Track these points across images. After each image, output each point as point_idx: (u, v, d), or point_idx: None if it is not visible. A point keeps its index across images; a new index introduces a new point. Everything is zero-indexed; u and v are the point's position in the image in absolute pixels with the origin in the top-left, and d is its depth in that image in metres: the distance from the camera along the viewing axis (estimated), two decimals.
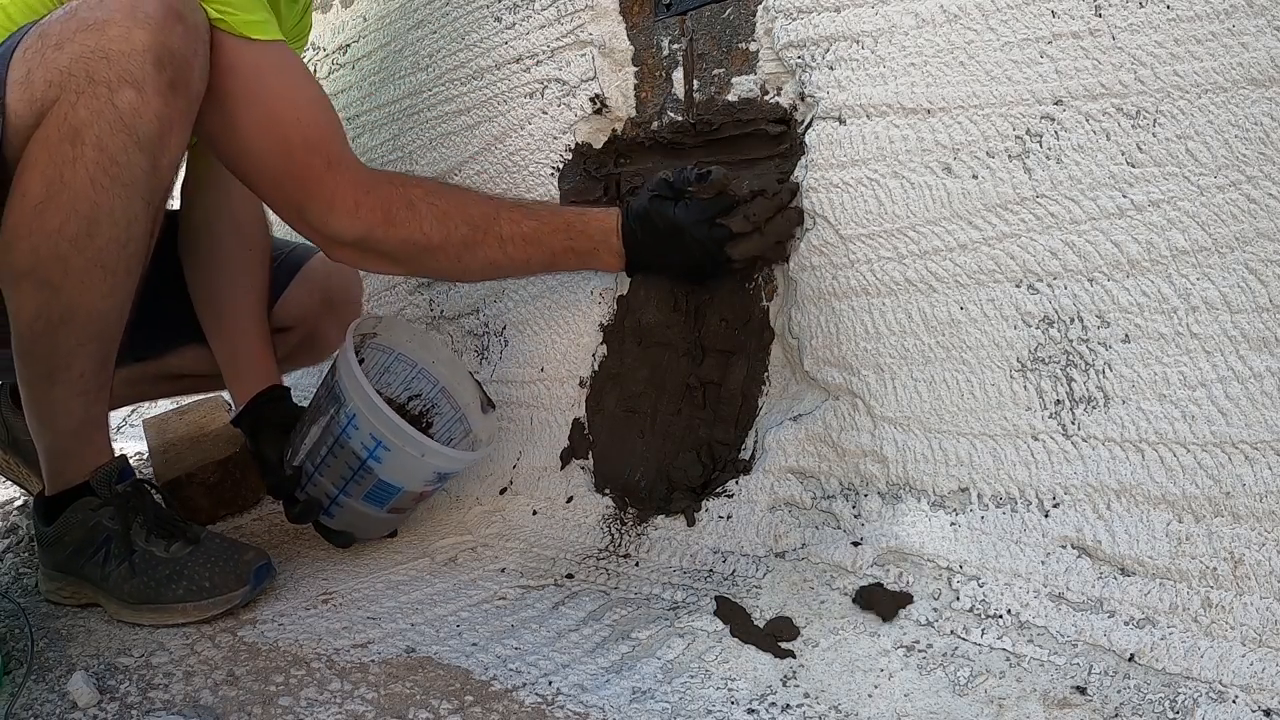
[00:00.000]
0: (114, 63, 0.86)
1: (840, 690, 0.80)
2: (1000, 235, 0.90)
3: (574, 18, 1.26)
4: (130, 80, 0.86)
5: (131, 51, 0.86)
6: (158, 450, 1.56)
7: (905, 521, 0.94)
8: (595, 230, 1.12)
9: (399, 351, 1.26)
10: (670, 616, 0.95)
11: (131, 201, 0.90)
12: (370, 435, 1.08)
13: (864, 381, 1.00)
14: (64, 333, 0.93)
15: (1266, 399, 0.76)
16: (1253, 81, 0.75)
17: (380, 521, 1.20)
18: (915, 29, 0.94)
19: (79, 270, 0.90)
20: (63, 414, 0.99)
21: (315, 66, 1.84)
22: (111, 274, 0.92)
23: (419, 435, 1.08)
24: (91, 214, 0.88)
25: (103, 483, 1.01)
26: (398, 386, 1.27)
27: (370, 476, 1.11)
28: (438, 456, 1.11)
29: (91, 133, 0.86)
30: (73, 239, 0.89)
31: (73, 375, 0.96)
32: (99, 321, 0.95)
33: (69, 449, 1.02)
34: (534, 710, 0.78)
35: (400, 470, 1.11)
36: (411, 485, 1.14)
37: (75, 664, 0.89)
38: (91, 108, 0.86)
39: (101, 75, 0.85)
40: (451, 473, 1.21)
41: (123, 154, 0.87)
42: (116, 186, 0.88)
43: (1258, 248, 0.76)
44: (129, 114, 0.87)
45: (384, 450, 1.09)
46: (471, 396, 1.26)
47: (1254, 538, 0.75)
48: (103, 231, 0.89)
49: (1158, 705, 0.71)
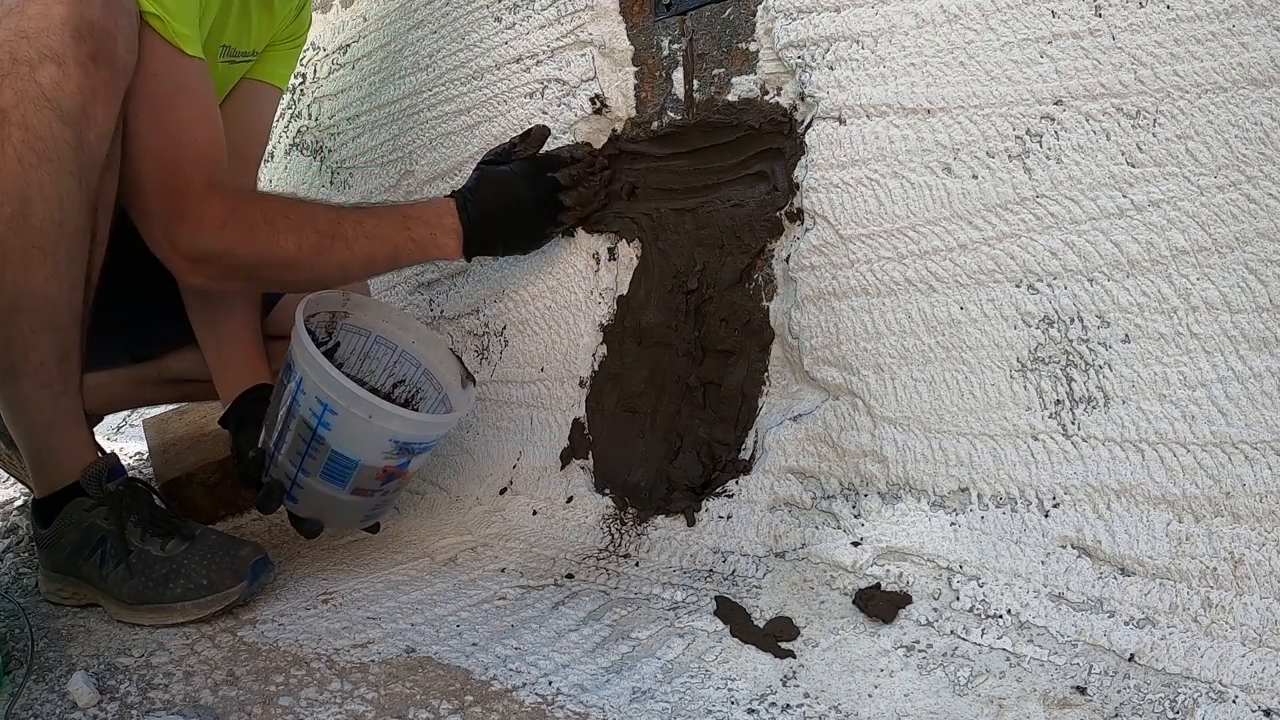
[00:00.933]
0: (34, 40, 0.86)
1: (840, 690, 0.80)
2: (1000, 235, 0.90)
3: (574, 18, 1.26)
4: (50, 55, 0.86)
5: (50, 27, 0.86)
6: (158, 450, 1.56)
7: (905, 521, 0.94)
8: (430, 215, 1.16)
9: (376, 334, 1.22)
10: (670, 616, 0.95)
11: (60, 177, 0.89)
12: (316, 399, 1.02)
13: (864, 381, 1.00)
14: (15, 322, 0.93)
15: (1266, 399, 0.76)
16: (1253, 81, 0.75)
17: (346, 506, 1.11)
18: (915, 29, 0.94)
19: (18, 253, 0.90)
20: (32, 409, 0.99)
21: (315, 66, 1.84)
22: (51, 255, 0.92)
23: (362, 392, 1.01)
24: (22, 193, 0.88)
25: (93, 482, 1.01)
26: (381, 374, 1.23)
27: (323, 448, 1.04)
28: (388, 419, 1.03)
29: (17, 113, 0.86)
30: (8, 221, 0.88)
31: (32, 366, 0.96)
32: (48, 308, 0.94)
33: (47, 446, 1.02)
34: (534, 710, 0.78)
35: (351, 438, 1.04)
36: (368, 458, 1.05)
37: (75, 664, 0.89)
38: (16, 88, 0.85)
39: (24, 54, 0.85)
40: (416, 444, 1.10)
41: (47, 130, 0.87)
42: (43, 163, 0.88)
43: (1258, 248, 0.76)
44: (51, 89, 0.86)
45: (331, 414, 1.02)
46: (453, 374, 1.22)
47: (1254, 538, 0.75)
48: (35, 211, 0.89)
49: (1158, 705, 0.71)
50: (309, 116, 1.85)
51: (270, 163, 1.95)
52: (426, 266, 1.53)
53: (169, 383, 1.45)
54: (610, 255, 1.27)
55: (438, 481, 1.45)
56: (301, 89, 1.88)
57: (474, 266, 1.45)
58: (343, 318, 1.20)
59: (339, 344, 1.20)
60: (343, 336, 1.20)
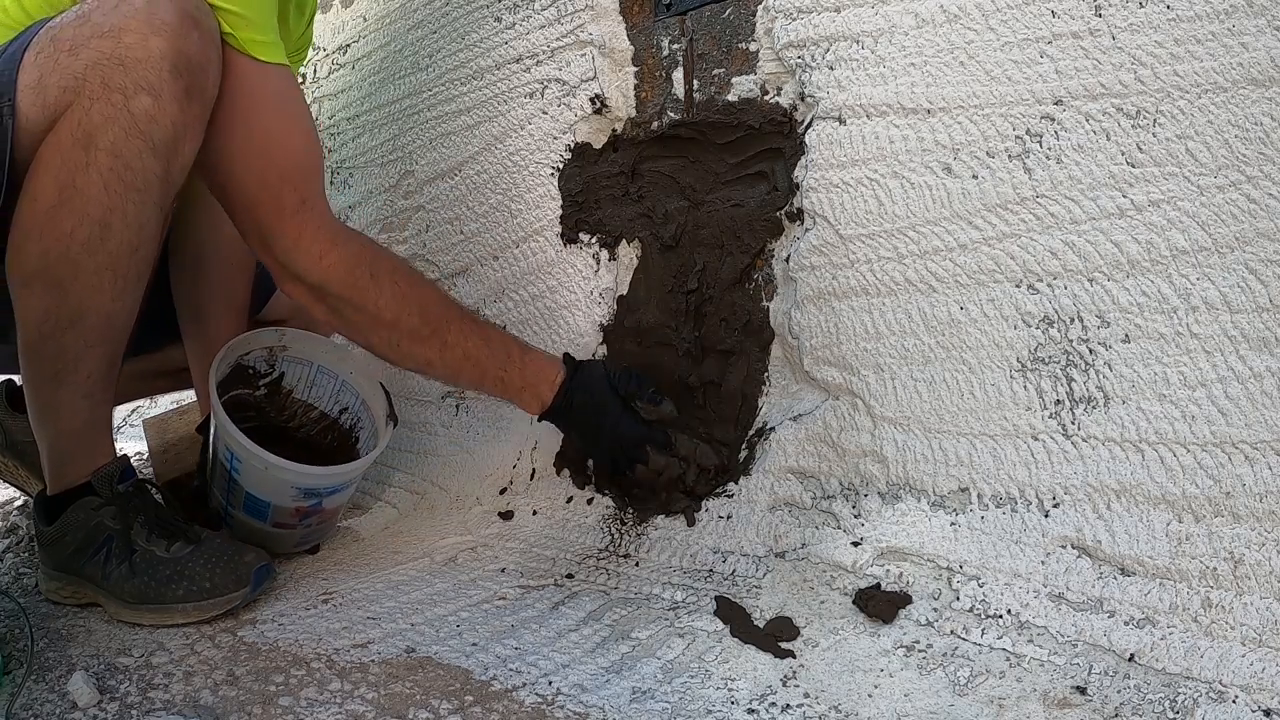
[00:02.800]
0: (130, 70, 0.85)
1: (840, 690, 0.80)
2: (1000, 235, 0.90)
3: (574, 18, 1.26)
4: (147, 87, 0.86)
5: (148, 59, 0.86)
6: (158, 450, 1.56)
7: (905, 521, 0.94)
8: (533, 374, 1.11)
9: (319, 364, 1.24)
10: (670, 616, 0.95)
11: (144, 207, 0.90)
12: (225, 446, 1.08)
13: (864, 381, 1.00)
14: (72, 335, 0.93)
15: (1266, 399, 0.76)
16: (1253, 81, 0.75)
17: (273, 536, 1.16)
18: (915, 29, 0.94)
19: (90, 273, 0.90)
20: (68, 415, 0.99)
21: (315, 66, 1.84)
22: (122, 278, 0.92)
23: (255, 448, 1.04)
24: (104, 218, 0.88)
25: (104, 483, 1.01)
26: (328, 400, 1.26)
27: (238, 489, 1.10)
28: (282, 470, 1.07)
29: (106, 138, 0.86)
30: (84, 243, 0.89)
31: (80, 377, 0.96)
32: (108, 324, 0.95)
33: (72, 449, 1.02)
34: (534, 710, 0.78)
35: (258, 482, 1.09)
36: (278, 499, 1.11)
37: (75, 664, 0.89)
38: (106, 114, 0.85)
39: (117, 82, 0.85)
40: (321, 489, 1.13)
41: (137, 159, 0.87)
42: (130, 192, 0.88)
43: (1258, 248, 0.76)
44: (144, 120, 0.86)
45: (237, 461, 1.08)
46: (381, 408, 1.22)
47: (1254, 538, 0.75)
48: (115, 236, 0.89)
49: (1158, 705, 0.71)
50: None
51: None
52: (427, 267, 1.53)
53: (170, 374, 1.46)
54: (610, 255, 1.27)
55: (438, 481, 1.44)
56: (301, 89, 1.88)
57: (474, 266, 1.45)
58: (281, 351, 1.23)
59: (284, 374, 1.24)
60: (286, 367, 1.24)
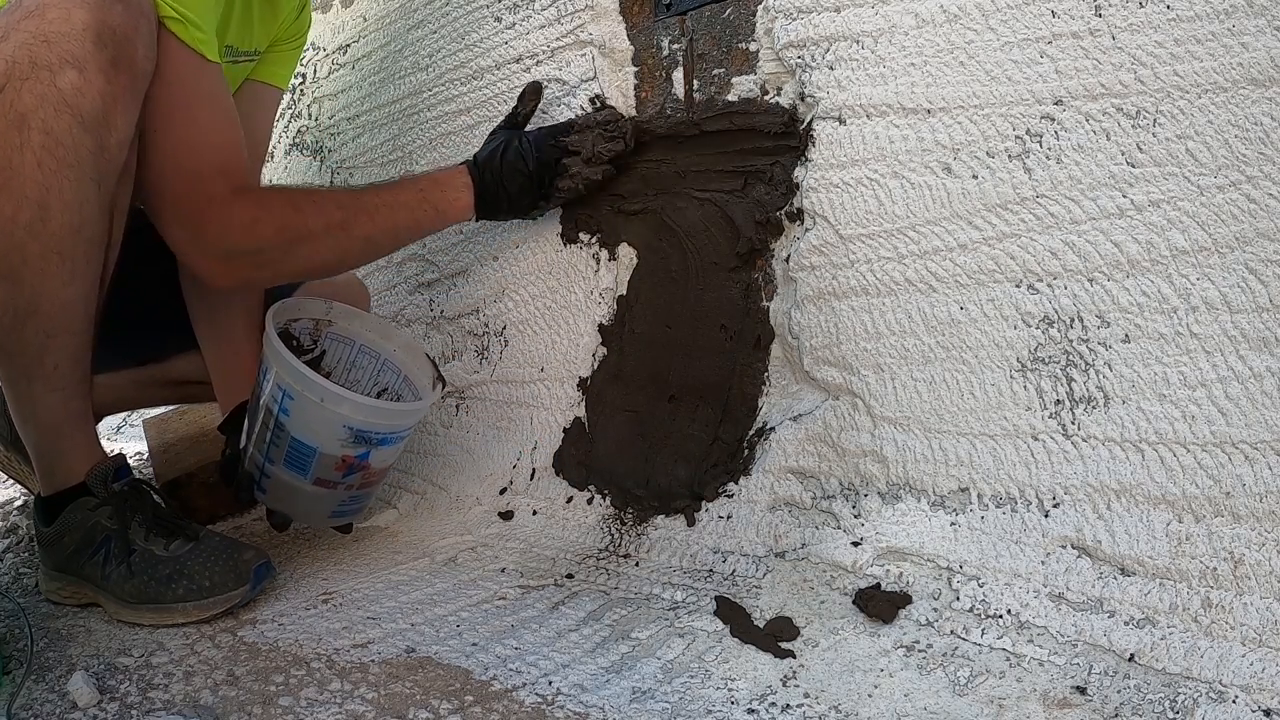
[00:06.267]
0: (54, 45, 0.85)
1: (840, 690, 0.80)
2: (1000, 235, 0.90)
3: (574, 18, 1.26)
4: (71, 60, 0.85)
5: (71, 32, 0.85)
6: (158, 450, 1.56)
7: (905, 521, 0.94)
8: (443, 178, 1.20)
9: (360, 343, 1.25)
10: (670, 616, 0.95)
11: (80, 183, 0.89)
12: (277, 385, 1.06)
13: (864, 381, 1.00)
14: (31, 326, 0.93)
15: (1266, 399, 0.76)
16: (1253, 81, 0.75)
17: (311, 498, 1.13)
18: (915, 29, 0.94)
19: (36, 258, 0.90)
20: (42, 410, 0.99)
21: (315, 66, 1.84)
22: (69, 260, 0.92)
23: (313, 375, 1.04)
24: (42, 198, 0.88)
25: (99, 482, 1.01)
26: (366, 382, 1.26)
27: (284, 435, 1.08)
28: (338, 402, 1.05)
29: (37, 117, 0.85)
30: (27, 225, 0.88)
31: (46, 370, 0.96)
32: (64, 312, 0.94)
33: (55, 447, 1.02)
34: (534, 710, 0.78)
35: (306, 423, 1.06)
36: (325, 445, 1.08)
37: (75, 664, 0.89)
38: (35, 92, 0.85)
39: (44, 59, 0.85)
40: (372, 433, 1.10)
41: (67, 135, 0.87)
42: (64, 169, 0.88)
43: (1258, 248, 0.76)
44: (71, 94, 0.86)
45: (289, 399, 1.06)
46: (426, 377, 1.24)
47: (1254, 538, 0.75)
48: (54, 216, 0.89)
49: (1158, 705, 0.71)
50: (309, 116, 1.85)
51: (270, 163, 1.95)
52: (427, 267, 1.53)
53: (173, 384, 1.45)
54: (610, 255, 1.27)
55: (438, 481, 1.44)
56: (301, 89, 1.88)
57: (474, 266, 1.45)
58: (327, 326, 1.23)
59: (325, 352, 1.23)
60: (328, 345, 1.23)
